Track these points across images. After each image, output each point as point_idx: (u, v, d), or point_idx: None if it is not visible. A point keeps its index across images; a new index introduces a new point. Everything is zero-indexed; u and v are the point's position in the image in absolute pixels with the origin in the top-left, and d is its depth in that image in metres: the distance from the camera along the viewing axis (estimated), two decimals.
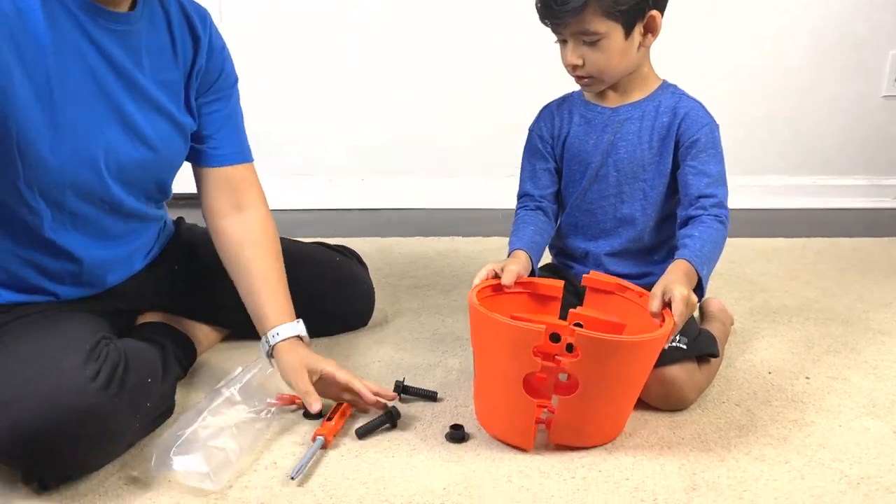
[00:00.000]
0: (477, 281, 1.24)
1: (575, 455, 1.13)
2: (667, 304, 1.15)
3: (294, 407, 1.24)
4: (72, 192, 1.08)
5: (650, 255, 1.44)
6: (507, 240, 1.37)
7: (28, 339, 1.07)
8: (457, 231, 2.23)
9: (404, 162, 2.53)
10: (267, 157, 2.56)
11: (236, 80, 1.32)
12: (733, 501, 1.02)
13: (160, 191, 1.27)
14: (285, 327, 1.23)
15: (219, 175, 1.30)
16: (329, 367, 1.21)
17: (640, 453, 1.13)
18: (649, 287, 1.22)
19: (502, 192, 1.80)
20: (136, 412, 1.07)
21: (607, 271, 1.43)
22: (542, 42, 1.43)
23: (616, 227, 1.41)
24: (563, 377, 1.14)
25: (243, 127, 1.34)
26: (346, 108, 2.49)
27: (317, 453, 1.11)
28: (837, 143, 2.57)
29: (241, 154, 1.32)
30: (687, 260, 1.23)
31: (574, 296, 1.40)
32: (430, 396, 1.28)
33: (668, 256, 1.44)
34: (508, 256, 1.32)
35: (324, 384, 1.22)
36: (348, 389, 1.21)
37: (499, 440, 1.16)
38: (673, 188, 1.39)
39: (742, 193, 2.10)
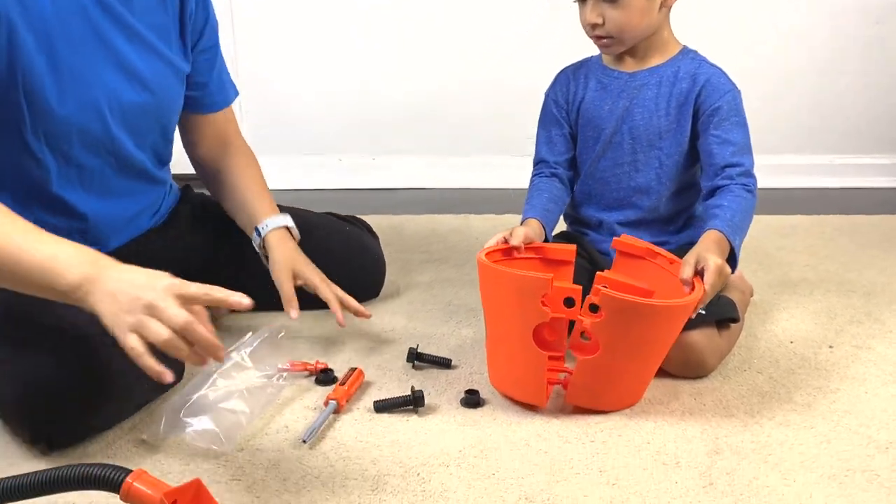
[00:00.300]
0: (490, 244, 1.22)
1: (594, 420, 1.10)
2: (698, 273, 1.12)
3: (306, 373, 1.22)
4: (78, 142, 1.07)
5: (666, 226, 1.41)
6: (520, 217, 1.34)
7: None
8: (469, 210, 2.20)
9: (416, 141, 2.49)
10: (277, 137, 2.56)
11: (217, 24, 1.34)
12: (758, 465, 1.00)
13: (164, 139, 1.26)
14: (273, 219, 1.32)
15: (207, 121, 1.36)
16: (315, 279, 1.30)
17: (660, 419, 1.11)
18: None
19: (515, 171, 1.77)
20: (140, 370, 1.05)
21: None
22: (557, 16, 1.40)
23: (630, 197, 1.38)
24: (584, 338, 1.12)
25: (226, 69, 1.38)
26: (357, 87, 2.46)
27: (329, 417, 1.09)
28: (856, 121, 2.52)
29: (227, 99, 1.38)
30: (719, 230, 1.21)
31: (589, 262, 1.37)
32: (445, 364, 1.26)
33: (685, 227, 1.41)
34: (521, 225, 1.29)
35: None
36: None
37: (511, 399, 1.14)
38: (691, 158, 1.36)
39: (756, 172, 2.07)
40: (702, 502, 0.92)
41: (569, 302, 1.17)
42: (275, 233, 1.32)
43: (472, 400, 1.14)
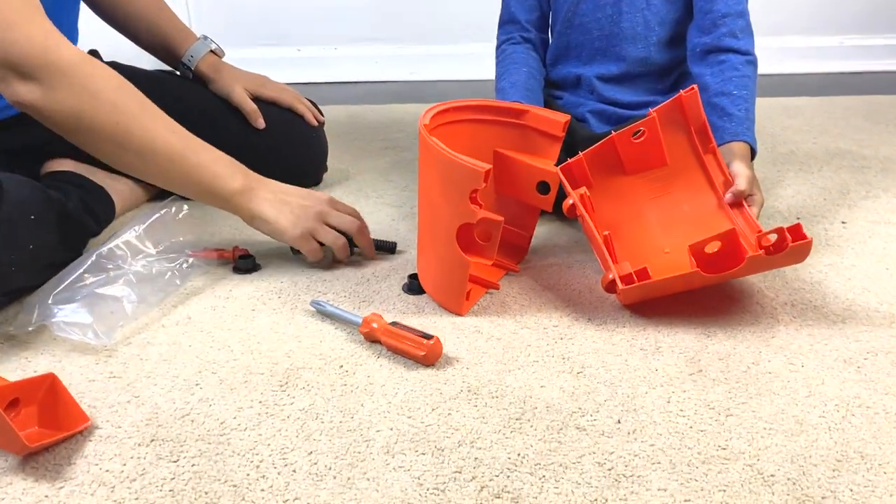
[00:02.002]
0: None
1: (558, 302, 0.92)
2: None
3: (219, 261, 1.03)
4: None
5: (655, 83, 1.20)
6: None
7: None
8: (437, 98, 1.98)
9: (381, 29, 2.25)
10: (232, 28, 2.32)
11: None
12: (757, 348, 0.81)
13: None
14: (196, 47, 1.26)
15: None
16: (270, 92, 1.27)
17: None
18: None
19: (490, 61, 1.55)
20: (10, 250, 0.86)
21: (602, 99, 1.19)
22: None
23: (613, 46, 1.16)
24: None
25: None
26: None
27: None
28: None
29: None
30: (741, 141, 1.05)
31: (567, 134, 1.17)
32: (389, 248, 1.06)
33: (677, 85, 1.20)
34: None
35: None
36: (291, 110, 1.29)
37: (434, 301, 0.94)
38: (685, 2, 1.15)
39: (759, 55, 1.85)
40: (688, 392, 0.74)
41: (544, 188, 0.97)
42: (205, 61, 1.26)
43: (416, 285, 0.95)
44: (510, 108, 1.01)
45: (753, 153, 1.05)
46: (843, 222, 1.14)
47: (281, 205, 0.97)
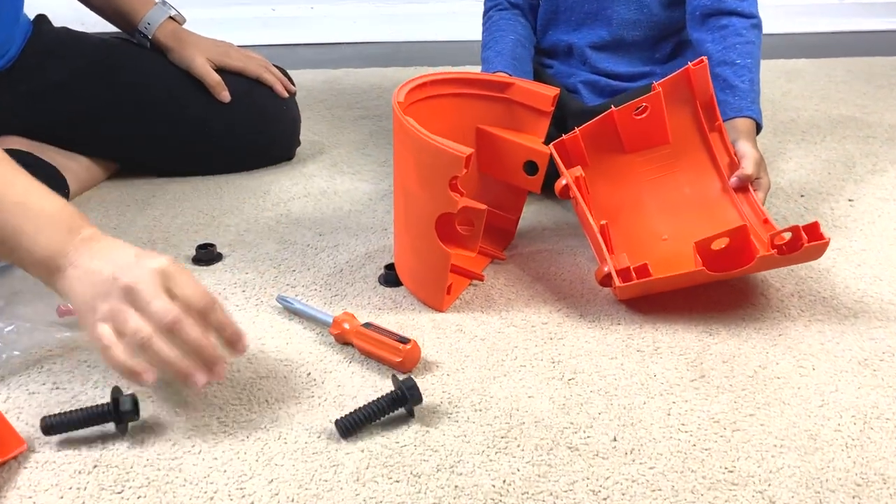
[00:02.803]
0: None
1: (546, 296, 0.84)
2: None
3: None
4: None
5: (651, 51, 1.11)
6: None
7: None
8: (423, 64, 1.88)
9: None
10: None
11: None
12: (764, 350, 0.74)
13: None
14: (153, 13, 1.16)
15: None
16: (235, 62, 1.18)
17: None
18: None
19: (479, 20, 1.46)
20: None
21: (595, 70, 1.10)
22: None
23: (605, 9, 1.07)
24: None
25: None
26: None
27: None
28: None
29: None
30: (746, 117, 0.96)
31: (557, 107, 1.08)
32: None
33: (675, 55, 1.12)
34: None
35: None
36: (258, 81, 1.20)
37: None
38: None
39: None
40: (690, 403, 0.67)
41: (531, 168, 0.89)
42: (163, 28, 1.15)
43: (393, 277, 0.88)
44: (493, 80, 0.92)
45: (759, 128, 0.97)
46: (849, 200, 1.07)
47: (90, 276, 0.64)
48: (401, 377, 0.65)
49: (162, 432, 0.65)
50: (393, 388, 0.65)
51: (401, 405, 0.64)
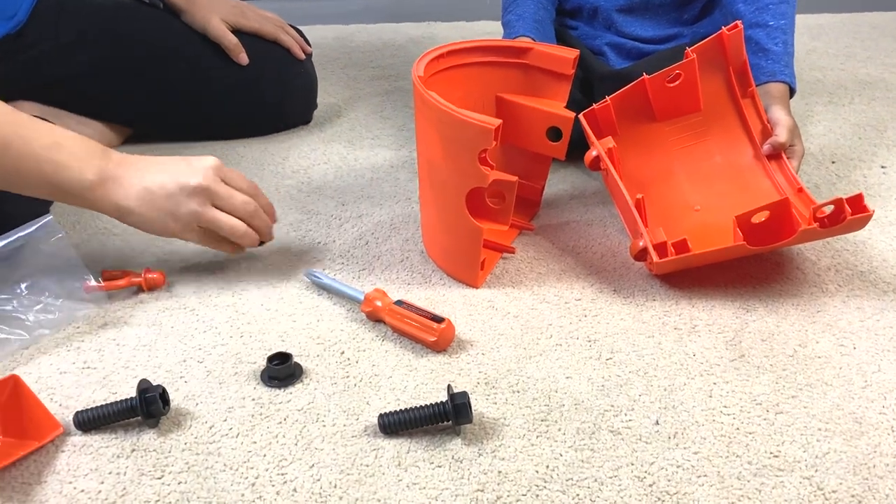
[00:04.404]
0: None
1: (577, 271, 0.83)
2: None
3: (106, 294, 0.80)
4: None
5: (679, 12, 1.08)
6: (496, 25, 1.00)
7: None
8: (433, 16, 1.83)
9: None
10: None
11: None
12: (803, 328, 0.73)
13: None
14: None
15: None
16: (251, 22, 1.14)
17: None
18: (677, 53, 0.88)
19: None
20: None
21: (621, 33, 1.07)
22: None
23: None
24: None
25: None
26: None
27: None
28: None
29: None
30: (779, 81, 0.93)
31: (580, 68, 1.05)
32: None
33: (703, 14, 1.08)
34: None
35: None
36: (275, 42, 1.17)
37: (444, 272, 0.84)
38: None
39: None
40: (731, 384, 0.66)
41: (555, 134, 0.87)
42: None
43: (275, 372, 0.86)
44: (511, 46, 0.89)
45: (792, 92, 0.95)
46: (882, 167, 1.05)
47: (150, 193, 0.75)
48: (455, 389, 0.62)
49: (197, 415, 0.64)
50: (445, 401, 0.61)
51: (449, 420, 0.61)
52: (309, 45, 1.23)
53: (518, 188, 0.92)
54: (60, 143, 0.72)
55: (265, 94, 1.15)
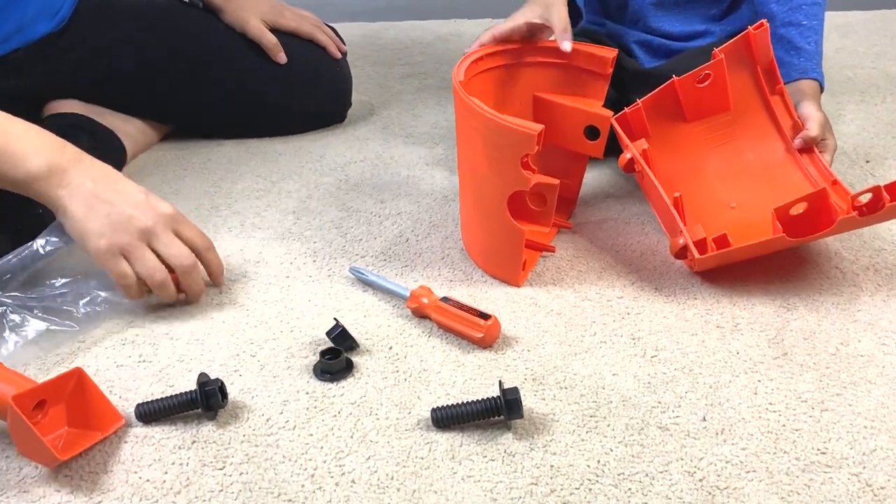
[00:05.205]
0: (475, 47, 0.89)
1: (618, 269, 0.84)
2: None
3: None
4: None
5: (709, 8, 1.09)
6: None
7: None
8: (461, 13, 1.84)
9: None
10: None
11: None
12: (844, 326, 0.74)
13: None
14: None
15: None
16: (289, 21, 1.16)
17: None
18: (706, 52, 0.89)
19: None
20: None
21: (649, 29, 1.08)
22: None
23: None
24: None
25: None
26: None
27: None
28: None
29: None
30: (811, 79, 0.94)
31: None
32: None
33: (731, 9, 1.09)
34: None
35: None
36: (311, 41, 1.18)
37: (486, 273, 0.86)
38: None
39: None
40: (775, 381, 0.67)
41: (592, 133, 0.88)
42: None
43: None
44: (549, 46, 0.90)
45: (821, 90, 0.96)
46: None
47: (97, 202, 0.73)
48: (506, 385, 0.63)
49: (253, 408, 0.66)
50: (497, 396, 0.62)
51: (501, 415, 0.63)
52: (344, 43, 1.25)
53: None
54: (15, 133, 0.73)
55: (302, 92, 1.17)
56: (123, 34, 1.09)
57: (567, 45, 0.88)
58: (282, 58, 1.13)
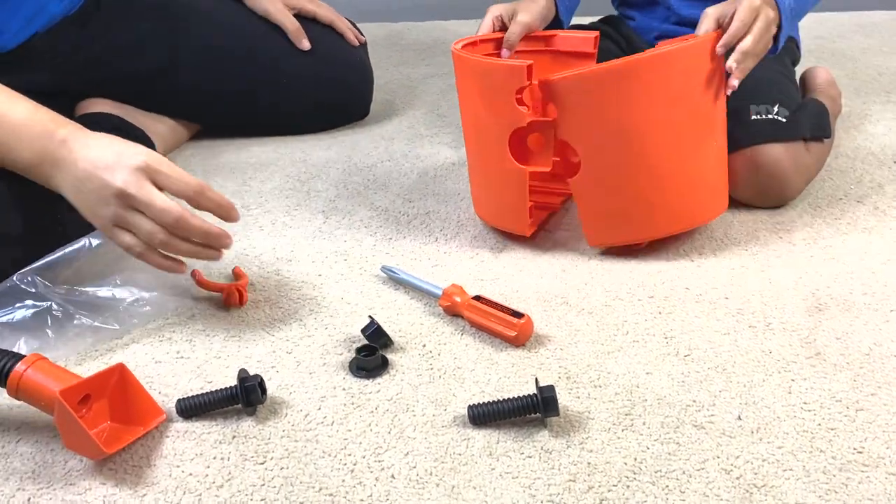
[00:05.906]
0: (482, 32, 0.95)
1: (648, 266, 0.85)
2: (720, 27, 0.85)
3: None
4: None
5: None
6: None
7: None
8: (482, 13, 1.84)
9: None
10: None
11: None
12: (877, 325, 0.74)
13: None
14: None
15: None
16: (308, 4, 1.17)
17: (739, 264, 0.85)
18: None
19: None
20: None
21: (679, 20, 1.08)
22: None
23: None
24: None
25: None
26: None
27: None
28: None
29: None
30: None
31: (626, 50, 1.08)
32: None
33: None
34: None
35: None
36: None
37: (495, 228, 0.92)
38: None
39: None
40: (809, 381, 0.68)
41: None
42: None
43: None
44: (537, 35, 0.97)
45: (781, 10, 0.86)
46: None
47: (82, 180, 0.70)
48: (542, 383, 0.63)
49: (292, 403, 0.67)
50: (534, 393, 0.63)
51: (537, 412, 0.63)
52: (362, 34, 1.25)
53: (564, 167, 0.94)
54: (7, 122, 0.70)
55: (325, 77, 1.17)
56: (149, 32, 1.10)
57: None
58: (305, 44, 1.14)
